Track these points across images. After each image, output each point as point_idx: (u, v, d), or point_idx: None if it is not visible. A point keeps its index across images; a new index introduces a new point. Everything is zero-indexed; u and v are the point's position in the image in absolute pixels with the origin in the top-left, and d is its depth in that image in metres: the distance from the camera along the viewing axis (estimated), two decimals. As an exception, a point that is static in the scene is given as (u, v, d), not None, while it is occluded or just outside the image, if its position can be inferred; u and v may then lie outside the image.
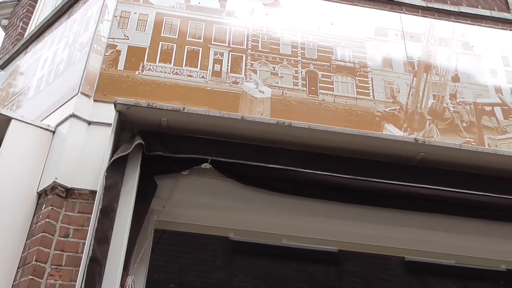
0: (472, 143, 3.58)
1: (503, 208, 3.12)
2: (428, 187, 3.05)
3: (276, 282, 6.70)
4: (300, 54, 3.84)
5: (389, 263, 7.05)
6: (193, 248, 6.65)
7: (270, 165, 2.97)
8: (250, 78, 3.62)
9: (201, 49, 3.72)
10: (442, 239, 3.23)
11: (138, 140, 2.86)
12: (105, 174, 2.73)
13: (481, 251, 3.32)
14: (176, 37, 3.76)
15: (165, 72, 3.54)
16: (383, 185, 3.04)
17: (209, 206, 3.07)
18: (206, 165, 3.01)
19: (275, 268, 6.77)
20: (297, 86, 3.65)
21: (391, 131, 3.53)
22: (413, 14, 4.35)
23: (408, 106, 3.73)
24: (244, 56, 3.73)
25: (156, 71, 3.54)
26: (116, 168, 2.78)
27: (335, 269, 6.95)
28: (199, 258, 6.61)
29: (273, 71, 3.69)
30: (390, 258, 7.05)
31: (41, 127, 3.21)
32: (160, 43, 3.70)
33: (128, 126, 3.02)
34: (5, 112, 3.22)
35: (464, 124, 3.70)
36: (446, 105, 3.79)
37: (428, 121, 3.68)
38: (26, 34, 5.21)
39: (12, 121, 3.13)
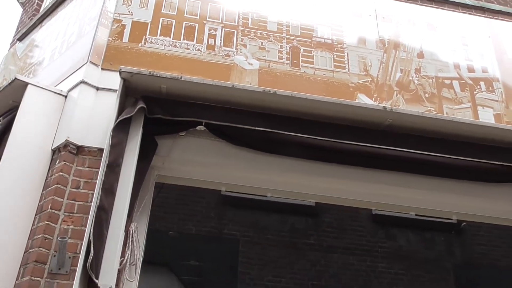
0: (433, 111, 3.58)
1: (456, 168, 3.16)
2: (393, 149, 3.07)
3: (261, 231, 6.79)
4: (285, 31, 3.78)
5: (358, 215, 7.15)
6: (189, 202, 6.69)
7: (256, 128, 2.96)
8: (241, 52, 3.57)
9: (197, 25, 3.65)
10: (404, 194, 3.26)
11: (141, 104, 2.84)
12: (111, 133, 2.71)
13: (437, 204, 3.36)
14: (175, 13, 3.68)
15: (165, 45, 3.48)
16: (355, 146, 3.04)
17: (203, 163, 3.07)
18: (200, 127, 2.99)
19: (260, 219, 6.85)
20: (282, 59, 3.61)
21: (363, 100, 3.52)
22: (386, -2, 4.30)
23: (378, 79, 3.71)
24: (235, 32, 3.67)
25: (157, 44, 3.47)
26: (121, 128, 2.76)
27: (313, 220, 7.04)
28: (194, 210, 6.66)
29: (261, 46, 3.64)
30: (360, 211, 7.15)
31: (54, 92, 3.16)
32: (161, 18, 3.63)
33: (132, 92, 2.98)
34: (22, 78, 3.16)
35: (427, 95, 3.70)
36: (411, 78, 3.78)
37: (395, 92, 3.67)
38: (41, 10, 5.07)
39: (29, 86, 3.08)
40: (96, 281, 2.40)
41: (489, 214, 3.48)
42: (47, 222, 2.64)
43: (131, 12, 3.59)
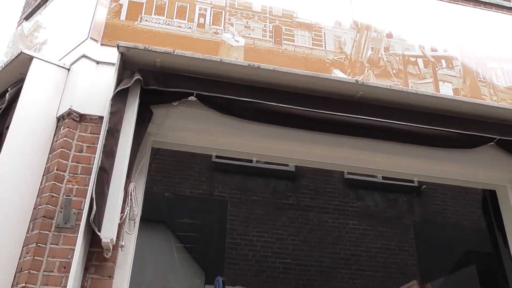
0: (399, 85, 3.54)
1: (418, 135, 3.15)
2: (364, 118, 3.04)
3: (247, 193, 6.80)
4: (268, 12, 3.68)
5: (332, 179, 7.19)
6: (183, 167, 6.65)
7: (242, 99, 2.90)
8: (228, 30, 3.47)
9: (188, 5, 3.52)
10: (373, 158, 3.25)
11: (137, 76, 2.76)
12: (111, 102, 2.64)
13: (401, 167, 3.36)
14: (168, -6, 3.55)
15: (159, 23, 3.36)
16: (330, 116, 3.01)
17: (195, 130, 3.01)
18: (192, 98, 2.92)
19: (246, 182, 6.85)
20: (265, 37, 3.52)
21: (338, 74, 3.46)
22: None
23: (351, 56, 3.65)
24: (224, 12, 3.56)
25: (151, 22, 3.35)
26: (119, 98, 2.68)
27: (292, 183, 7.07)
28: (188, 174, 6.63)
29: (247, 25, 3.54)
30: (333, 175, 7.18)
31: (58, 65, 3.05)
32: (155, -1, 3.49)
33: (129, 65, 2.90)
34: (28, 51, 3.04)
35: (394, 71, 3.66)
36: (381, 56, 3.72)
37: (366, 68, 3.62)
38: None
39: (34, 59, 2.97)
40: (99, 233, 2.36)
41: (445, 176, 3.50)
42: (53, 182, 2.58)
43: (128, -8, 3.45)
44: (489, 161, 3.34)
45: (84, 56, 3.02)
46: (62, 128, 2.79)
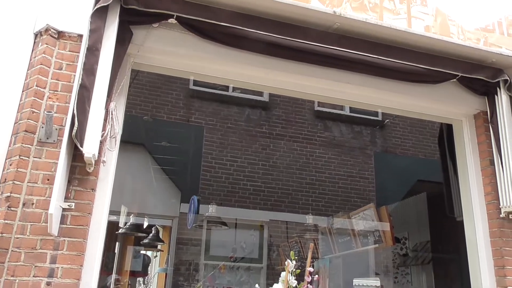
0: (375, 19, 3.46)
1: (388, 68, 3.15)
2: (338, 49, 3.00)
3: (223, 120, 6.80)
4: None
5: (303, 110, 7.25)
6: (161, 93, 6.52)
7: (221, 23, 2.78)
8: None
9: None
10: (344, 89, 3.25)
11: (117, -6, 2.57)
12: (90, 19, 2.48)
13: (368, 98, 3.39)
14: None
15: None
16: (306, 45, 2.95)
17: (174, 53, 2.90)
18: (172, 21, 2.77)
19: (222, 110, 6.83)
20: (247, -37, 3.30)
21: (316, 5, 3.34)
22: None
23: (330, -12, 3.51)
24: None
25: None
26: (99, 16, 2.52)
27: (265, 113, 7.10)
28: (166, 100, 6.53)
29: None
30: (304, 107, 7.24)
31: (33, -21, 2.81)
32: None
33: (108, -17, 2.68)
34: (1, -38, 2.77)
35: (371, 5, 3.54)
36: (359, -11, 3.60)
37: (344, 0, 3.50)
38: None
39: (8, -29, 2.72)
40: (81, 148, 2.34)
41: (408, 109, 3.57)
42: (33, 98, 2.48)
43: None
44: (450, 96, 3.41)
45: (60, -30, 2.78)
46: (40, 44, 2.63)
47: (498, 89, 3.27)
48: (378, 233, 4.91)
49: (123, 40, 2.65)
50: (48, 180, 2.38)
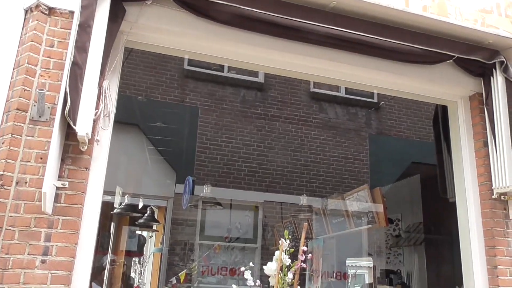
0: (371, -2, 3.41)
1: (385, 49, 3.11)
2: (335, 28, 2.96)
3: (218, 101, 6.76)
4: None
5: (298, 92, 7.22)
6: (155, 73, 6.46)
7: (215, 1, 2.73)
8: None
9: None
10: (339, 69, 3.21)
11: (108, -31, 2.51)
12: (82, -5, 2.42)
13: (364, 79, 3.36)
14: None
15: None
16: (301, 24, 2.90)
17: (168, 31, 2.85)
18: (166, -3, 2.73)
19: (216, 91, 6.78)
20: None
21: (313, -17, 3.28)
22: None
23: (327, -35, 3.44)
24: None
25: None
26: (91, -9, 2.46)
27: (260, 94, 7.06)
28: (160, 80, 6.47)
29: None
30: (299, 88, 7.20)
31: (23, -48, 2.73)
32: None
33: (100, -42, 2.61)
34: None
35: (368, -16, 3.50)
36: (356, -33, 3.53)
37: (341, -21, 3.44)
38: None
39: None
40: (74, 127, 2.31)
41: (404, 90, 3.56)
42: (25, 76, 2.44)
43: None
44: (446, 78, 3.40)
45: None
46: (30, 20, 2.57)
47: (494, 70, 3.26)
48: (371, 214, 4.96)
49: (115, 17, 2.59)
50: (41, 158, 2.36)
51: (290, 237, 2.58)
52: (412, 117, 7.58)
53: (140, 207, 6.29)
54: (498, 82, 3.20)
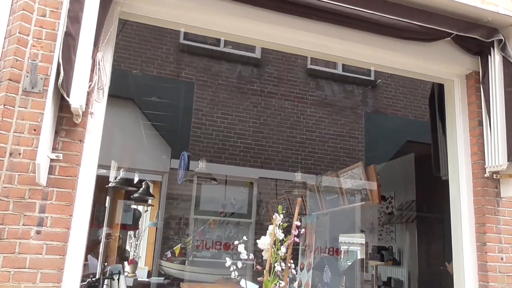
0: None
1: (383, 25, 3.07)
2: (333, 3, 2.90)
3: (214, 76, 6.70)
4: None
5: (295, 68, 7.16)
6: (151, 47, 6.37)
7: (213, -28, 2.68)
8: None
9: None
10: (337, 45, 3.18)
11: None
12: (74, -37, 2.36)
13: (361, 55, 3.33)
14: None
15: None
16: (299, -3, 2.86)
17: (163, 2, 2.79)
18: (161, -33, 2.66)
19: (212, 66, 6.71)
20: None
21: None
22: None
23: None
24: None
25: None
26: (83, -41, 2.40)
27: (257, 70, 7.00)
28: (155, 54, 6.39)
29: None
30: (296, 64, 7.15)
31: None
32: None
33: None
34: None
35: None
36: None
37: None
38: None
39: None
40: (68, 99, 2.29)
41: (401, 67, 3.52)
42: (16, 46, 2.40)
43: None
44: (443, 55, 3.37)
45: None
46: (22, -11, 2.51)
47: (492, 49, 3.23)
48: (365, 191, 5.01)
49: (109, -14, 2.54)
50: (34, 130, 2.34)
51: (284, 212, 2.61)
52: (409, 95, 7.57)
53: (135, 181, 6.32)
54: (496, 60, 3.19)
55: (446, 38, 3.25)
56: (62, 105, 2.40)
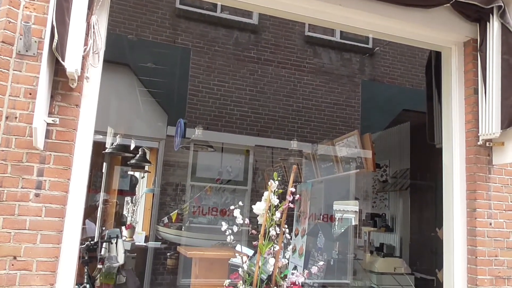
0: None
1: (383, -10, 3.03)
2: (332, -33, 2.86)
3: (210, 43, 6.61)
4: None
5: (293, 35, 7.07)
6: (146, 11, 6.25)
7: None
8: None
9: None
10: (335, 11, 3.14)
11: None
12: None
13: (361, 22, 3.28)
14: None
15: None
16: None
17: (158, -36, 2.73)
18: None
19: (209, 32, 6.61)
20: None
21: None
22: None
23: None
24: None
25: None
26: None
27: (254, 36, 6.90)
28: (151, 19, 6.27)
29: None
30: (294, 31, 7.04)
31: None
32: None
33: None
34: None
35: None
36: None
37: None
38: None
39: None
40: (63, 63, 2.27)
41: (399, 34, 3.48)
42: (8, 7, 2.35)
43: None
44: (442, 22, 3.34)
45: None
46: None
47: (491, 15, 3.20)
48: (360, 159, 5.06)
49: None
50: (30, 94, 2.34)
51: (279, 179, 2.65)
52: (406, 64, 7.52)
53: (132, 148, 6.34)
54: (494, 27, 3.16)
55: (446, 4, 3.21)
56: (57, 69, 2.38)
